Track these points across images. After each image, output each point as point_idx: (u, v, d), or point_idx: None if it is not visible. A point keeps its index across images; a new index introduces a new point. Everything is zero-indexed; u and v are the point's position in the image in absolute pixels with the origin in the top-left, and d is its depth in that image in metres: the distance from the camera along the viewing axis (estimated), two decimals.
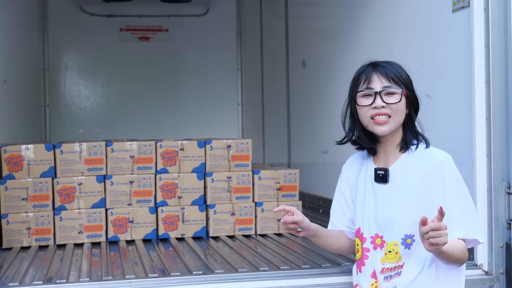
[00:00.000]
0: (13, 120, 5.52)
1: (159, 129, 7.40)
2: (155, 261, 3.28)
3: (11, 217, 3.75)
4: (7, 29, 5.47)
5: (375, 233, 2.51)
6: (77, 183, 3.85)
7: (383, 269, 2.46)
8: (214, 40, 7.85)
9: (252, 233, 4.05)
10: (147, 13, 7.70)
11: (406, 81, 2.47)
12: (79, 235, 3.84)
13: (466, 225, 2.36)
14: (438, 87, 3.40)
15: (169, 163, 3.97)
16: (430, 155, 2.44)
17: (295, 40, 5.90)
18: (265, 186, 4.07)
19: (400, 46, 3.83)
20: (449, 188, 2.36)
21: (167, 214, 3.95)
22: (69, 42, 7.59)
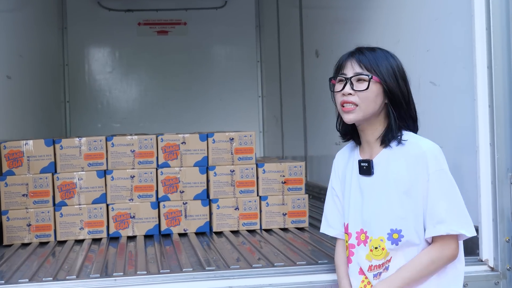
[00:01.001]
0: (33, 116, 5.54)
1: (179, 123, 7.34)
2: (150, 258, 3.20)
3: (11, 214, 3.71)
4: (26, 25, 5.47)
5: (360, 229, 2.39)
6: (77, 178, 3.80)
7: (371, 267, 2.34)
8: (233, 32, 7.78)
9: (257, 228, 3.94)
10: (165, 6, 7.66)
11: (384, 69, 2.30)
12: (80, 231, 3.79)
13: (451, 219, 2.21)
14: (442, 74, 3.25)
15: (171, 157, 3.89)
16: (414, 144, 2.29)
17: (309, 30, 5.77)
18: (269, 180, 3.96)
19: (406, 33, 3.68)
20: (433, 180, 2.22)
21: (169, 209, 3.87)
22: (88, 37, 7.59)
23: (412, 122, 2.40)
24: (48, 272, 2.93)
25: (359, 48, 2.39)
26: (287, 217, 3.95)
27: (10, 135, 4.06)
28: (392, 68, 2.34)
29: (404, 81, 2.37)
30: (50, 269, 2.99)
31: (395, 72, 2.34)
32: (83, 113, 7.56)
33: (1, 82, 4.09)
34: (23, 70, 4.84)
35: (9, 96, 4.28)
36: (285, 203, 3.96)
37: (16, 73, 4.51)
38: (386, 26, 3.97)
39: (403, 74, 2.38)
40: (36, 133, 5.13)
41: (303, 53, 5.93)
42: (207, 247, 3.47)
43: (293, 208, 3.96)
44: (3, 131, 4.01)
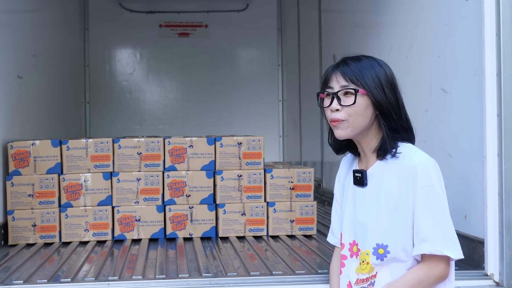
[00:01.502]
0: (49, 116, 5.54)
1: (197, 125, 7.32)
2: (149, 262, 3.16)
3: (17, 214, 3.71)
4: (48, 26, 5.49)
5: (353, 240, 2.31)
6: (83, 180, 3.78)
7: (357, 280, 2.26)
8: (254, 35, 7.73)
9: (264, 234, 3.88)
10: (186, 9, 7.64)
11: (370, 80, 2.18)
12: (84, 233, 3.76)
13: (436, 238, 2.09)
14: (453, 81, 3.16)
15: (178, 160, 3.85)
16: (407, 157, 2.18)
17: (327, 33, 5.70)
18: (277, 186, 3.89)
19: (419, 38, 3.59)
20: (420, 195, 2.11)
21: (175, 213, 3.83)
22: (109, 39, 7.61)
23: (406, 133, 2.29)
24: (45, 274, 2.90)
25: (344, 59, 2.28)
26: (294, 224, 3.88)
27: (22, 135, 4.04)
28: (378, 78, 2.20)
29: (393, 90, 2.23)
30: (48, 271, 2.97)
31: (381, 82, 2.20)
32: (103, 114, 7.58)
33: (14, 81, 4.08)
34: (38, 70, 4.84)
35: (22, 96, 4.27)
36: (293, 209, 3.89)
37: (30, 73, 4.50)
38: (402, 31, 3.88)
39: (391, 82, 2.24)
40: (52, 133, 5.13)
41: (321, 57, 5.85)
42: (210, 253, 3.41)
43: (301, 215, 3.89)
44: (15, 130, 4.01)
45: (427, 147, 3.37)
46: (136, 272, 2.89)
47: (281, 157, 7.77)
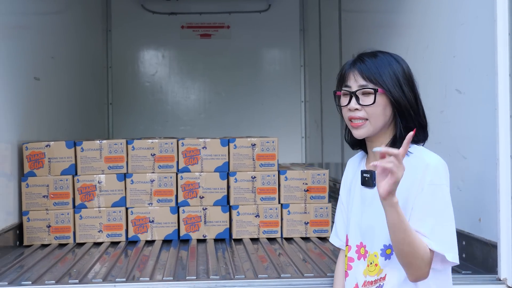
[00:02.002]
0: (74, 118, 5.61)
1: (219, 127, 7.32)
2: (160, 264, 3.16)
3: (32, 214, 3.73)
4: (70, 28, 5.55)
5: (360, 242, 2.27)
6: (97, 181, 3.79)
7: (365, 283, 2.22)
8: (276, 36, 7.72)
9: (278, 236, 3.85)
10: (208, 10, 7.66)
11: (388, 79, 2.15)
12: (98, 234, 3.77)
13: (437, 238, 2.04)
14: (467, 81, 3.10)
15: (191, 161, 3.84)
16: (417, 158, 2.14)
17: (347, 34, 5.65)
18: (291, 187, 3.86)
19: (435, 38, 3.53)
20: (427, 192, 2.06)
21: (188, 215, 3.82)
22: (132, 40, 7.66)
23: (422, 131, 2.26)
24: (54, 275, 2.91)
25: (360, 55, 2.24)
26: (309, 226, 3.85)
27: (39, 136, 4.07)
28: (396, 75, 2.17)
29: (411, 86, 2.21)
30: (58, 272, 2.98)
31: (399, 79, 2.17)
32: (126, 115, 7.62)
33: (31, 83, 4.11)
34: (57, 71, 4.88)
35: (40, 97, 4.31)
36: (307, 211, 3.85)
37: (49, 74, 4.54)
38: (416, 30, 3.83)
39: (409, 78, 2.21)
40: (72, 134, 5.16)
41: (341, 57, 5.81)
42: (221, 254, 3.40)
43: (316, 217, 3.85)
44: (32, 132, 4.04)
45: (443, 149, 3.33)
46: (145, 274, 2.89)
47: (304, 159, 7.74)
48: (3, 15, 3.66)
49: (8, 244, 3.59)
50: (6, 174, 3.64)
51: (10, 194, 3.67)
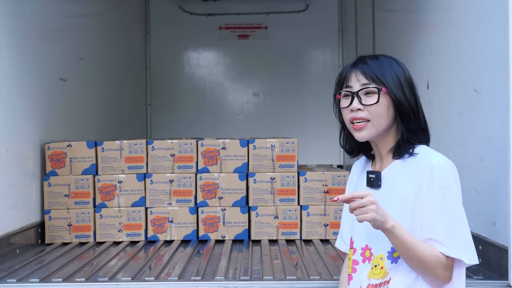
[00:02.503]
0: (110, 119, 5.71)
1: (257, 127, 7.31)
2: (172, 264, 3.17)
3: (53, 213, 3.80)
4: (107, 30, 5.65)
5: (365, 244, 2.23)
6: (117, 181, 3.83)
7: (369, 286, 2.17)
8: (314, 36, 7.65)
9: (297, 238, 3.82)
10: (246, 10, 7.64)
11: (391, 79, 2.12)
12: (118, 234, 3.81)
13: (451, 242, 2.00)
14: (485, 81, 3.01)
15: (210, 162, 3.84)
16: (423, 159, 2.10)
17: (379, 33, 5.57)
18: (311, 189, 3.83)
19: (456, 37, 3.44)
20: (437, 197, 2.02)
21: (207, 215, 3.82)
22: (170, 41, 7.71)
23: (423, 133, 2.21)
24: (63, 273, 2.96)
25: (361, 57, 2.21)
26: (328, 228, 3.80)
27: (66, 137, 4.14)
28: (398, 76, 2.15)
29: (412, 89, 2.18)
30: (67, 270, 3.02)
31: (400, 81, 2.15)
32: (164, 116, 7.68)
33: (58, 84, 4.19)
34: (88, 72, 4.95)
35: (70, 98, 4.39)
36: (327, 213, 3.81)
37: (78, 75, 4.62)
38: (438, 30, 3.74)
39: (409, 82, 2.19)
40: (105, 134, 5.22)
41: None
42: (236, 255, 3.39)
43: (335, 219, 3.80)
44: (60, 132, 4.11)
45: (462, 151, 3.26)
46: (152, 274, 2.90)
47: (341, 160, 7.65)
48: (30, 17, 3.74)
49: (30, 242, 3.66)
50: (28, 173, 3.71)
51: (32, 193, 3.75)
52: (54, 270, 3.01)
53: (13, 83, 3.47)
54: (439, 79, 3.72)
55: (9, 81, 3.42)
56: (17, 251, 3.39)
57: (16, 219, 3.48)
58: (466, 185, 3.18)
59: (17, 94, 3.53)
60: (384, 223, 1.97)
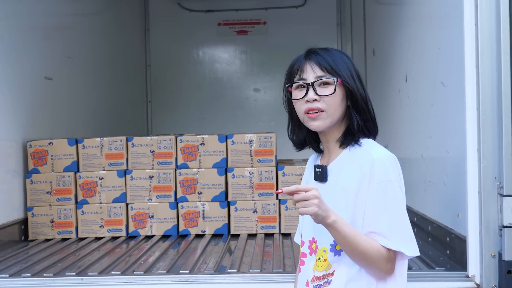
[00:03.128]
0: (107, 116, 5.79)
1: (257, 124, 7.34)
2: (144, 259, 3.22)
3: (36, 210, 3.87)
4: (111, 28, 5.73)
5: (312, 237, 2.26)
6: (98, 177, 3.89)
7: (314, 278, 2.20)
8: (313, 31, 7.63)
9: (276, 232, 3.85)
10: (244, 6, 7.66)
11: (344, 70, 2.15)
12: (100, 229, 3.88)
13: (392, 235, 2.02)
14: (449, 74, 3.02)
15: (190, 158, 3.89)
16: (365, 152, 2.11)
17: (369, 26, 5.57)
18: (290, 183, 3.85)
19: (426, 30, 3.45)
20: (377, 190, 2.04)
21: (187, 210, 3.87)
22: (170, 38, 7.75)
23: (373, 125, 2.24)
24: (34, 268, 3.02)
25: (313, 49, 2.23)
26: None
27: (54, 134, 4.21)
28: (349, 68, 2.18)
29: (360, 81, 2.21)
30: (39, 266, 3.08)
31: (352, 73, 2.18)
32: (165, 112, 7.74)
33: (43, 82, 4.26)
34: (80, 71, 5.03)
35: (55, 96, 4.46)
36: None
37: (64, 74, 4.69)
38: (415, 23, 3.74)
39: (358, 74, 2.21)
40: (99, 132, 5.28)
41: (365, 50, 5.73)
42: (211, 250, 3.44)
43: None
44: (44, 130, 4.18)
45: (432, 143, 3.28)
46: (120, 269, 2.96)
47: None
48: (14, 16, 3.82)
49: (14, 239, 3.74)
50: (11, 171, 3.78)
51: (15, 190, 3.83)
52: (27, 266, 3.08)
53: None
54: (414, 72, 3.72)
55: None
56: None
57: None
58: (436, 177, 3.24)
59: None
60: (326, 218, 1.99)
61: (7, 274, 2.89)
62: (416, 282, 2.68)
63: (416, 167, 3.65)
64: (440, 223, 3.11)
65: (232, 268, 2.93)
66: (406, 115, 3.92)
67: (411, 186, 3.81)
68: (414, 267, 2.90)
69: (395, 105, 4.21)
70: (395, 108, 4.23)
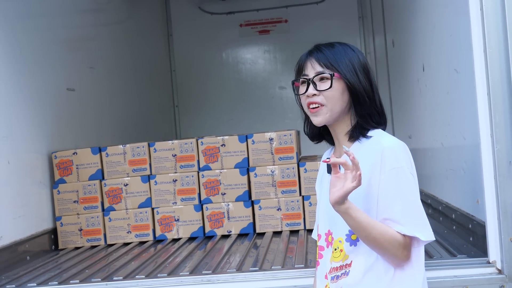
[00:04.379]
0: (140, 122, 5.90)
1: (284, 122, 7.35)
2: (169, 262, 3.27)
3: (64, 219, 3.95)
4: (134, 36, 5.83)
5: (328, 229, 2.28)
6: (123, 184, 3.95)
7: (331, 269, 2.22)
8: (335, 26, 7.63)
9: (301, 228, 3.87)
10: (265, 6, 7.70)
11: (344, 64, 2.18)
12: (127, 235, 3.94)
13: (406, 221, 2.03)
14: (461, 60, 2.99)
15: (211, 159, 3.93)
16: (376, 142, 2.14)
17: (388, 18, 5.54)
18: (312, 179, 3.86)
19: (438, 17, 3.42)
20: (389, 177, 2.05)
21: (212, 211, 3.91)
22: (193, 42, 7.82)
23: (379, 117, 2.25)
24: (62, 276, 3.10)
25: (317, 45, 2.28)
26: None
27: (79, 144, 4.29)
28: (352, 62, 2.21)
29: (366, 74, 2.23)
30: (66, 274, 3.16)
31: (354, 67, 2.20)
32: (192, 116, 7.80)
33: (65, 94, 4.35)
34: (105, 80, 5.12)
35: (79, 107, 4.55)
36: None
37: (92, 84, 4.79)
38: (429, 10, 3.72)
39: (364, 67, 2.23)
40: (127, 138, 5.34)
41: (386, 44, 5.71)
42: (236, 249, 3.47)
43: None
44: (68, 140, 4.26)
45: (450, 131, 3.26)
46: (144, 272, 3.01)
47: None
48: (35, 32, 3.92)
49: (44, 248, 3.82)
50: (38, 182, 3.87)
51: (43, 201, 3.91)
52: (55, 274, 3.15)
53: (16, 97, 3.63)
54: (431, 61, 3.71)
55: (13, 95, 3.59)
56: (27, 258, 3.53)
57: (26, 227, 3.63)
58: (455, 165, 3.22)
59: (22, 107, 3.69)
60: (344, 203, 2.00)
61: (35, 283, 2.96)
62: (438, 271, 2.68)
63: (437, 156, 3.64)
64: (463, 211, 3.09)
65: (255, 266, 2.95)
66: (425, 104, 3.90)
67: (434, 175, 3.82)
68: (436, 255, 2.88)
69: (415, 95, 4.20)
70: (415, 98, 4.22)
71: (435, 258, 2.82)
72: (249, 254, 3.29)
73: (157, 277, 2.88)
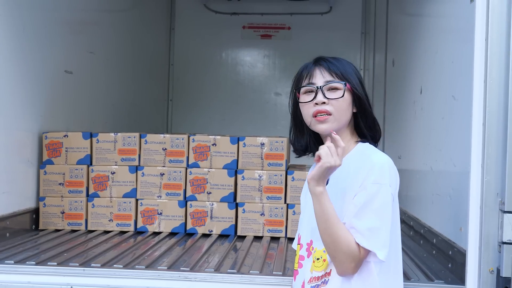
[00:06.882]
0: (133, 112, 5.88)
1: (276, 128, 7.35)
2: (148, 254, 3.27)
3: (48, 200, 3.93)
4: (136, 25, 5.83)
5: (310, 240, 2.29)
6: (110, 172, 3.94)
7: (311, 279, 2.23)
8: (337, 39, 7.64)
9: (282, 236, 3.88)
10: (270, 10, 7.70)
11: (353, 77, 2.23)
12: (109, 223, 3.93)
13: (370, 235, 2.04)
14: (460, 88, 3.02)
15: (201, 157, 3.93)
16: (366, 156, 2.16)
17: (391, 36, 5.57)
18: (298, 188, 3.87)
19: (442, 43, 3.45)
20: (370, 190, 2.05)
21: (195, 209, 3.91)
22: (194, 39, 7.80)
23: (376, 131, 2.30)
24: (40, 257, 3.08)
25: (322, 57, 2.31)
26: None
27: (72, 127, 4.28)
28: (357, 75, 2.27)
29: (364, 90, 2.28)
30: (45, 255, 3.14)
31: (360, 81, 2.27)
32: (185, 112, 7.79)
33: (62, 76, 4.33)
34: (99, 66, 5.10)
35: (74, 90, 4.54)
36: None
37: (91, 69, 4.78)
38: (432, 35, 3.74)
39: (363, 83, 2.29)
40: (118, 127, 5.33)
41: (386, 61, 5.73)
42: (215, 249, 3.47)
43: None
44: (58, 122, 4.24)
45: (441, 156, 3.28)
46: (122, 262, 3.00)
47: None
48: (39, 10, 3.90)
49: (25, 227, 3.81)
50: (26, 161, 3.85)
51: (29, 180, 3.89)
52: (33, 254, 3.14)
53: (14, 73, 3.61)
54: (429, 85, 3.73)
55: (10, 70, 3.57)
56: (7, 234, 3.51)
57: (9, 203, 3.61)
58: (442, 190, 3.24)
59: (18, 83, 3.68)
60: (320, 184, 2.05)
61: (12, 261, 2.95)
62: None
63: (425, 180, 3.66)
64: (445, 236, 3.11)
65: (233, 268, 2.95)
66: (419, 127, 3.93)
67: (419, 198, 3.84)
68: (414, 278, 2.90)
69: (410, 117, 4.22)
70: (410, 120, 4.24)
71: (413, 281, 2.83)
72: (228, 255, 3.29)
73: (134, 269, 2.87)
